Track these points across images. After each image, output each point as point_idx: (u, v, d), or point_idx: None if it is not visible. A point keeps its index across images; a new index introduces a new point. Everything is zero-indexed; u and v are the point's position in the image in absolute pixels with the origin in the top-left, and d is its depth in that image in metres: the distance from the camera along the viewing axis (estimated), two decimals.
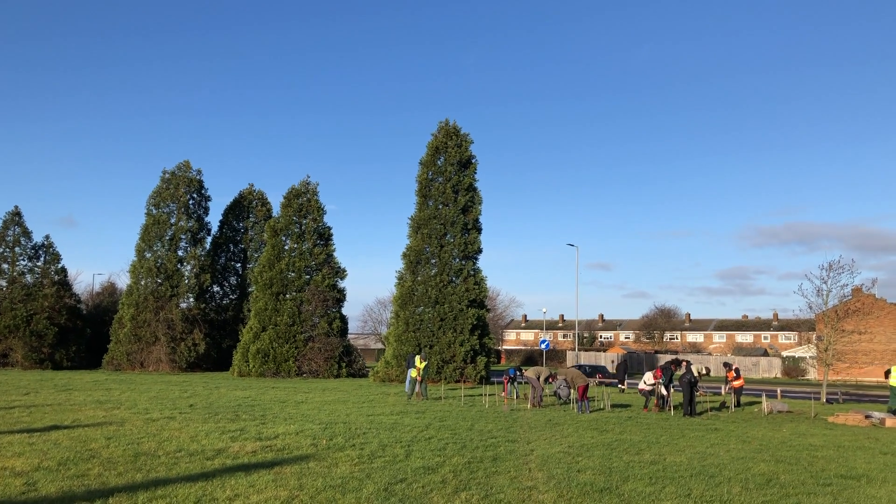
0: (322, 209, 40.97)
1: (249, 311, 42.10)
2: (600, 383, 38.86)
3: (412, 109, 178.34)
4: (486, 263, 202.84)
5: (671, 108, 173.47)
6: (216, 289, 48.32)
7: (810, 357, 62.54)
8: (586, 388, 20.26)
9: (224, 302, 48.74)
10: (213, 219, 77.10)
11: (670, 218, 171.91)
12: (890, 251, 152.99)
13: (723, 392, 28.67)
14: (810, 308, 28.53)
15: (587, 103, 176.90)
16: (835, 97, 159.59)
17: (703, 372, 29.20)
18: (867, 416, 18.81)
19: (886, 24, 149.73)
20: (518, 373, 25.63)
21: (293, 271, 39.48)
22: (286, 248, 40.06)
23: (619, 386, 33.85)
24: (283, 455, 10.79)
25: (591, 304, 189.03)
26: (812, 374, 66.29)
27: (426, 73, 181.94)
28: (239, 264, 49.61)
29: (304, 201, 40.75)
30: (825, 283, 27.84)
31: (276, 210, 42.13)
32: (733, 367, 26.27)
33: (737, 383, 25.36)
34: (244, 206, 49.75)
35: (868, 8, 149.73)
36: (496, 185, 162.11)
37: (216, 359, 44.06)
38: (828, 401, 28.56)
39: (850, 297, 29.69)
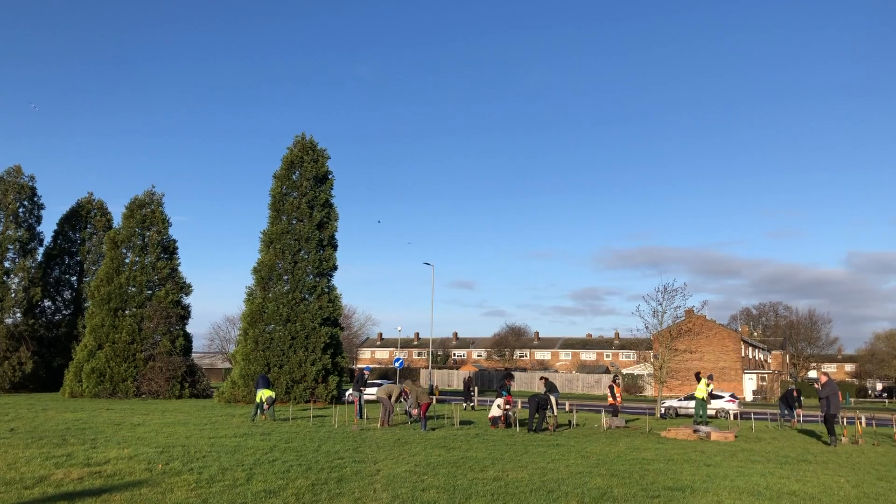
0: (167, 221, 39.20)
1: (85, 327, 39.45)
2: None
3: (267, 121, 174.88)
4: (342, 281, 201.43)
5: (534, 135, 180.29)
6: (48, 303, 45.04)
7: (647, 374, 66.28)
8: (429, 405, 20.50)
9: (56, 318, 45.44)
10: (47, 229, 71.87)
11: (532, 239, 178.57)
12: (729, 275, 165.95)
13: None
14: (647, 328, 30.29)
15: (447, 129, 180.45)
16: (686, 139, 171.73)
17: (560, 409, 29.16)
18: (695, 431, 20.10)
19: (722, 76, 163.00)
20: (366, 374, 25.38)
21: (134, 286, 37.43)
22: (127, 261, 37.96)
23: (465, 403, 34.38)
24: (114, 481, 10.11)
25: (448, 322, 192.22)
26: (649, 391, 70.26)
27: (285, 81, 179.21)
28: (74, 278, 46.49)
29: (147, 212, 38.81)
30: (660, 304, 29.68)
31: (118, 221, 39.92)
32: (617, 383, 27.06)
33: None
34: (82, 216, 46.72)
35: (701, 58, 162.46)
36: (356, 201, 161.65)
37: (45, 379, 40.97)
38: (662, 416, 30.33)
39: (682, 318, 31.79)
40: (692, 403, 32.80)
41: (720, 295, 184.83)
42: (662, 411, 31.78)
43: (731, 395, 37.46)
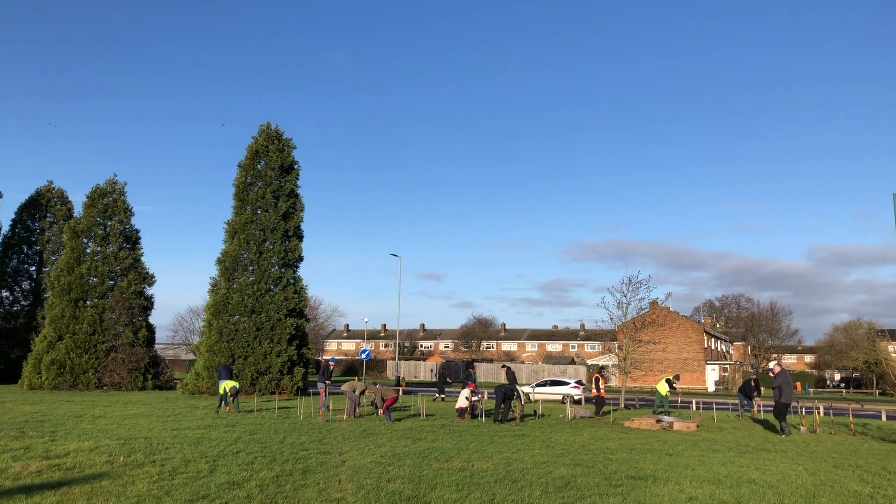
0: (130, 210, 38.59)
1: (44, 318, 38.69)
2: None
3: (234, 109, 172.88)
4: (308, 272, 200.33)
5: (504, 126, 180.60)
6: (5, 294, 44.20)
7: (612, 365, 67.05)
8: (395, 399, 20.48)
9: (14, 308, 44.54)
10: (5, 217, 70.16)
11: (501, 231, 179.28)
12: (694, 268, 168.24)
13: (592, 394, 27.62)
14: (611, 320, 30.62)
15: (418, 120, 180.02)
16: (655, 133, 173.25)
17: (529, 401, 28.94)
18: (658, 420, 20.38)
19: (690, 69, 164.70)
20: (331, 365, 25.31)
21: (95, 276, 36.79)
22: (88, 251, 37.27)
23: (438, 395, 34.45)
24: (74, 474, 9.94)
25: (415, 314, 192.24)
26: (614, 382, 71.03)
27: (253, 67, 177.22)
28: (33, 267, 45.55)
29: (109, 201, 38.13)
30: (625, 296, 30.01)
31: (79, 210, 39.20)
32: (602, 374, 26.65)
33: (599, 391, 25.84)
34: (41, 205, 45.77)
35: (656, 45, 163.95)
36: (323, 192, 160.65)
37: (2, 371, 40.19)
38: (626, 406, 30.69)
39: (647, 310, 32.19)
40: (545, 389, 35.98)
41: (685, 287, 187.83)
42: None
43: (576, 381, 38.20)
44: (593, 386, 26.42)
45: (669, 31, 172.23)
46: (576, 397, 34.69)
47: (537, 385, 37.15)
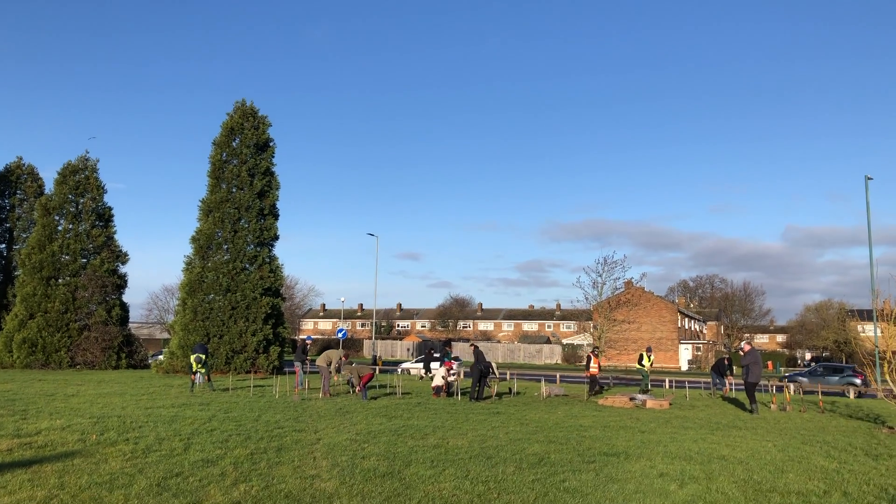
0: (102, 187, 38.13)
1: (15, 296, 38.21)
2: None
3: (207, 89, 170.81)
4: (284, 251, 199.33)
5: (484, 106, 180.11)
6: None
7: (587, 344, 67.66)
8: (371, 376, 20.48)
9: None
10: None
11: (480, 211, 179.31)
12: (670, 248, 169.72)
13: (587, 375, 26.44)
14: (586, 299, 30.87)
15: (397, 97, 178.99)
16: (632, 105, 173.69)
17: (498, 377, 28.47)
18: (631, 399, 20.60)
19: (667, 50, 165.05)
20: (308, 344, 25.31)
21: (67, 254, 36.35)
22: (60, 228, 36.81)
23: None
24: (45, 452, 9.86)
25: (393, 294, 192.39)
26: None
27: (230, 44, 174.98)
28: (3, 245, 44.91)
29: (81, 178, 37.61)
30: (600, 276, 30.25)
31: (49, 187, 38.63)
32: (596, 353, 26.08)
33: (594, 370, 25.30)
34: (11, 182, 45.01)
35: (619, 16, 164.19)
36: (301, 171, 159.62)
37: None
38: (600, 385, 30.92)
39: (621, 290, 32.46)
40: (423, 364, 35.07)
41: (661, 268, 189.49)
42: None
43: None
44: (586, 365, 25.77)
45: (647, 7, 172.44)
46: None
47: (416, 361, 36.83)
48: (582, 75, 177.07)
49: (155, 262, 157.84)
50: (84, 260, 36.72)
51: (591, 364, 25.46)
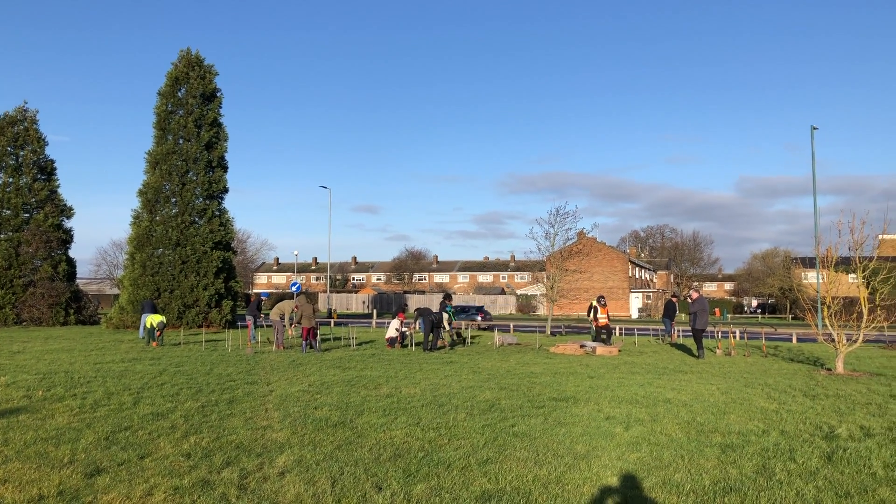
0: (43, 140, 36.89)
1: None
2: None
3: (151, 35, 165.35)
4: (236, 205, 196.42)
5: (442, 59, 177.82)
6: None
7: (540, 294, 68.49)
8: (310, 331, 20.10)
9: None
10: None
11: (438, 163, 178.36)
12: (626, 199, 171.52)
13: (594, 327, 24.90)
14: (539, 250, 31.06)
15: (352, 41, 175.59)
16: (593, 66, 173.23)
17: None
18: (582, 346, 20.97)
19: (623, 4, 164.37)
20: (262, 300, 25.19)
21: (8, 209, 35.28)
22: None
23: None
24: None
25: (348, 247, 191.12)
26: (542, 310, 72.71)
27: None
28: None
29: (20, 130, 36.30)
30: (553, 227, 30.40)
31: None
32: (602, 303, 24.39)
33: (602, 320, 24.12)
34: None
35: None
36: (253, 122, 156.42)
37: None
38: (552, 333, 31.45)
39: (574, 241, 32.68)
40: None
41: (616, 219, 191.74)
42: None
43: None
44: (590, 315, 24.63)
45: None
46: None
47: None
48: (540, 31, 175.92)
49: (103, 217, 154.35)
50: (27, 215, 35.69)
51: (599, 314, 24.02)
